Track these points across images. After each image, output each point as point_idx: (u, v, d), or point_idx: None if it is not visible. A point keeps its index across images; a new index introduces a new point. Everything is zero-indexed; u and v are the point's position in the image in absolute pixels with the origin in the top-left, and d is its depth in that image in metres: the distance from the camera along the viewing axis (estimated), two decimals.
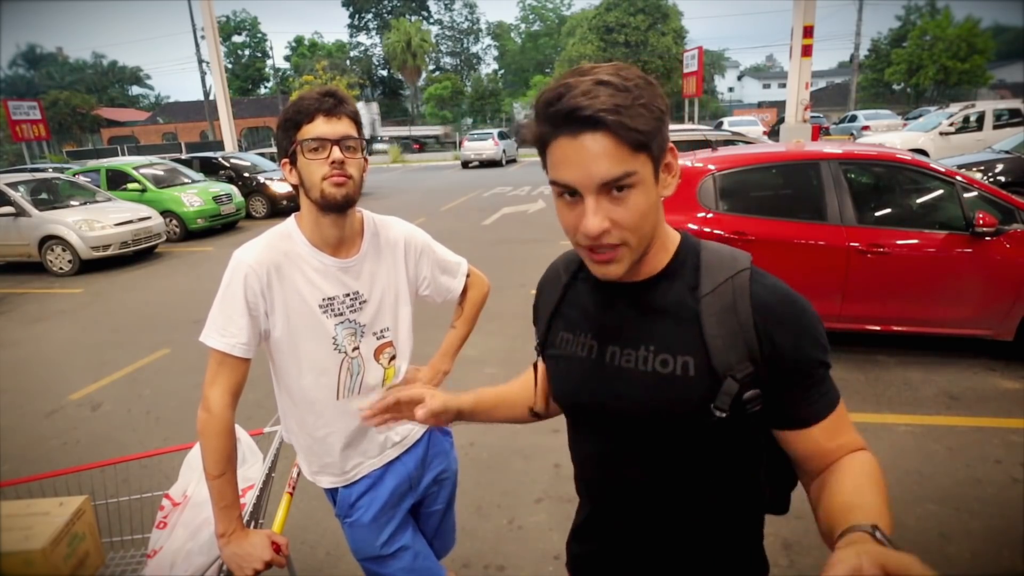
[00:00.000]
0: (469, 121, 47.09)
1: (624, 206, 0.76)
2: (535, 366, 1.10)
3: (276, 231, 1.38)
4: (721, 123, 22.61)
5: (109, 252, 8.60)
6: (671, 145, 0.80)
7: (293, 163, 1.30)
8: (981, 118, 12.14)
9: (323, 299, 1.37)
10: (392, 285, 1.47)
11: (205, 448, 1.31)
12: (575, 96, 0.72)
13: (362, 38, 57.91)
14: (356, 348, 1.42)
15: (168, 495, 1.67)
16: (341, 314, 1.39)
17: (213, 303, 1.33)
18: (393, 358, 1.50)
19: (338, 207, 1.30)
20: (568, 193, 0.77)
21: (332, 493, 1.55)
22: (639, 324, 0.86)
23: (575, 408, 0.96)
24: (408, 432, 1.56)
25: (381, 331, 1.46)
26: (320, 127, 1.25)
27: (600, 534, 0.99)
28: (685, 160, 4.31)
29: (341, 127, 1.27)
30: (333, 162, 1.26)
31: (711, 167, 4.26)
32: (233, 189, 11.98)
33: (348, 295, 1.40)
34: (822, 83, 47.00)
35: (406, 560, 1.54)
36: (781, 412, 0.83)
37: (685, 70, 19.59)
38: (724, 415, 0.79)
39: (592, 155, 0.73)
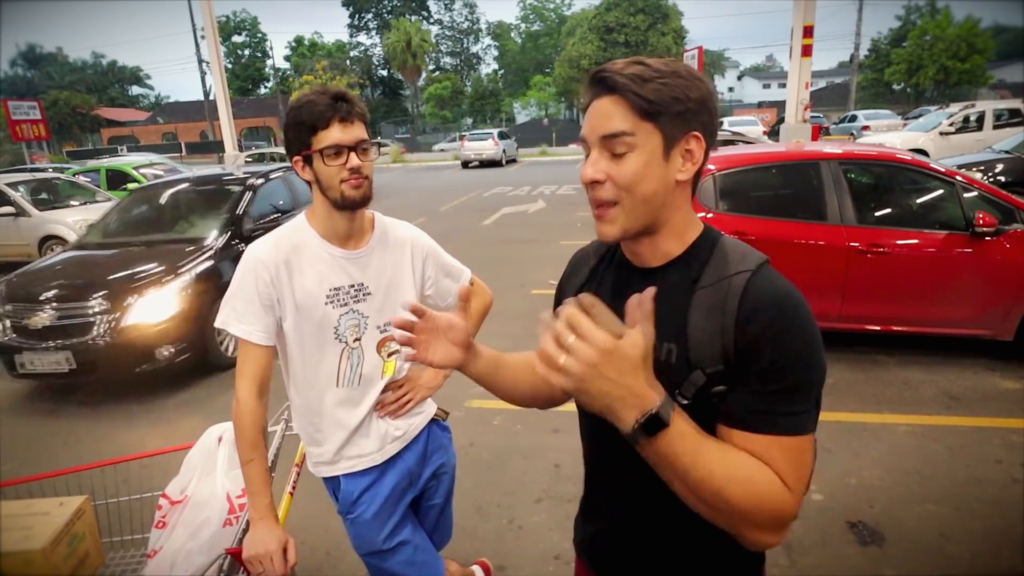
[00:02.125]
0: (469, 121, 47.09)
1: (620, 165, 0.83)
2: None
3: (287, 226, 1.46)
4: (721, 123, 22.55)
5: None
6: (698, 135, 0.83)
7: (308, 162, 1.37)
8: (981, 118, 12.14)
9: (330, 289, 1.42)
10: (398, 281, 1.52)
11: (236, 436, 1.39)
12: (607, 64, 0.83)
13: (362, 38, 58.01)
14: (357, 339, 1.46)
15: (165, 494, 1.67)
16: (345, 304, 1.44)
17: (226, 294, 1.40)
18: (395, 353, 1.53)
19: (356, 206, 1.39)
20: (585, 151, 0.87)
21: (334, 489, 1.57)
22: None
23: None
24: (408, 426, 1.59)
25: (384, 325, 1.50)
26: (336, 133, 1.32)
27: (600, 514, 1.03)
28: None
29: (355, 131, 1.34)
30: (352, 168, 1.33)
31: (711, 167, 4.26)
32: None
33: (353, 285, 1.45)
34: (822, 83, 47.01)
35: (406, 553, 1.57)
36: (723, 402, 0.82)
37: None
38: (687, 402, 0.82)
39: (601, 113, 0.83)
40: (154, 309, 4.16)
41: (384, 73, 55.95)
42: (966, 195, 3.89)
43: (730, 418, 0.80)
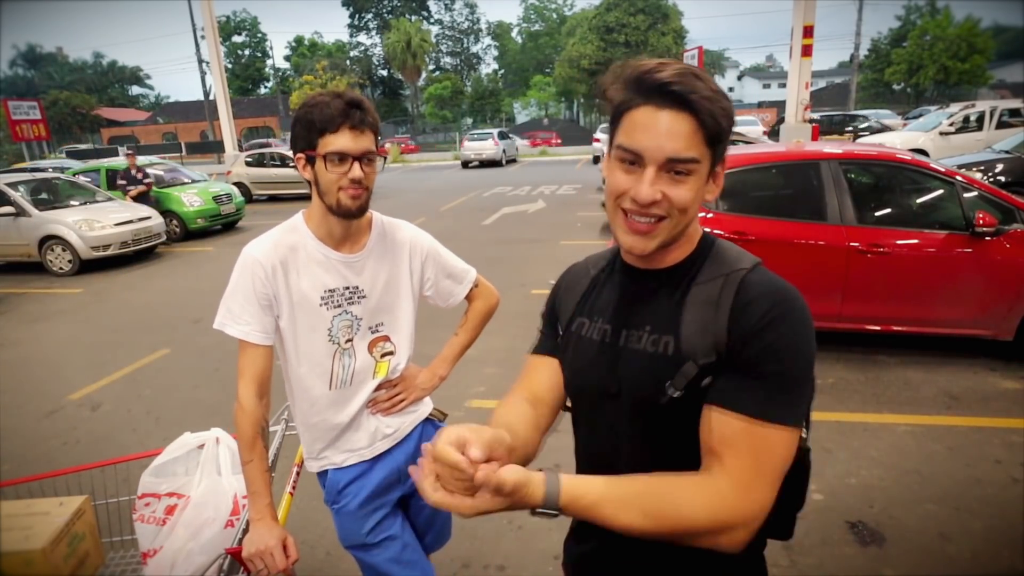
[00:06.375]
0: (469, 121, 47.07)
1: (679, 188, 0.81)
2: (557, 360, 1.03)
3: (283, 226, 1.45)
4: None
5: (109, 252, 8.58)
6: (725, 158, 0.86)
7: (309, 162, 1.34)
8: (981, 118, 12.13)
9: (324, 291, 1.42)
10: (394, 283, 1.51)
11: (237, 436, 1.39)
12: (672, 74, 0.78)
13: (362, 38, 58.06)
14: (349, 340, 1.46)
15: (145, 493, 1.64)
16: (339, 306, 1.44)
17: (223, 296, 1.38)
18: (389, 354, 1.53)
19: (351, 216, 1.37)
20: (630, 160, 0.82)
21: (323, 479, 1.58)
22: (649, 308, 0.91)
23: (579, 391, 0.99)
24: (399, 425, 1.59)
25: (376, 325, 1.50)
26: (344, 140, 1.28)
27: (592, 534, 1.00)
28: None
29: (364, 141, 1.31)
30: (353, 179, 1.30)
31: None
32: (233, 189, 11.98)
33: (348, 288, 1.45)
34: (822, 83, 47.02)
35: (393, 550, 1.56)
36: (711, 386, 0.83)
37: None
38: (678, 394, 0.83)
39: (669, 130, 0.78)
40: None
41: (384, 73, 55.98)
42: (966, 195, 3.89)
43: (711, 395, 0.81)
